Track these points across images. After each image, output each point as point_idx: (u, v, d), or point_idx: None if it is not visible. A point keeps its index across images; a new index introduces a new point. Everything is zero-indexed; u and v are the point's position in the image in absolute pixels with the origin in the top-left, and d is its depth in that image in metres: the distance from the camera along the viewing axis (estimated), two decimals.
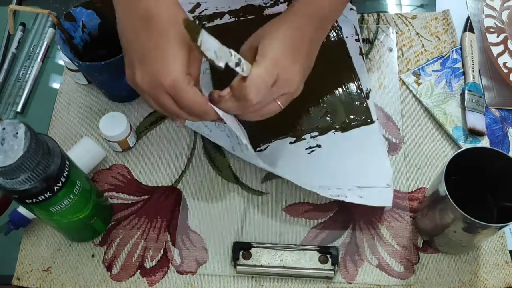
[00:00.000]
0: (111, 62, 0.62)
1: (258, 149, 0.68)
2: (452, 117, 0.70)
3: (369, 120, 0.69)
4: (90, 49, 0.69)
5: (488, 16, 0.77)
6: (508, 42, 0.74)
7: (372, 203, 0.62)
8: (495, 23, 0.76)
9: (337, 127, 0.69)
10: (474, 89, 0.71)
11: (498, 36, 0.75)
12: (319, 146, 0.68)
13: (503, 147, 0.68)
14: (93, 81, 0.70)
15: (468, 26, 0.77)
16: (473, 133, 0.68)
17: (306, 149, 0.67)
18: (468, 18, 0.78)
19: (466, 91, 0.71)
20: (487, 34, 0.75)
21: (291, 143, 0.68)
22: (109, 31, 0.67)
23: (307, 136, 0.68)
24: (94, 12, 0.66)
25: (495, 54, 0.73)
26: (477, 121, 0.69)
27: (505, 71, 0.72)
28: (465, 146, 0.68)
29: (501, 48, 0.74)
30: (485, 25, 0.76)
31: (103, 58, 0.62)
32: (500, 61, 0.73)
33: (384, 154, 0.67)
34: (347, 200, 0.62)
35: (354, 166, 0.66)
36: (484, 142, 0.68)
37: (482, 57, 0.75)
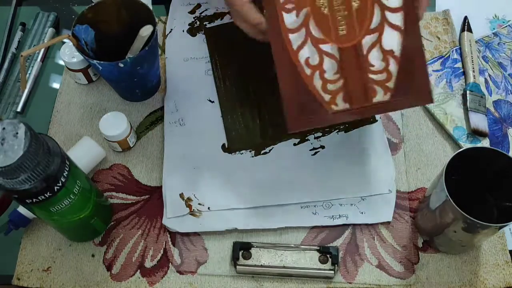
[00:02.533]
0: (135, 59, 0.63)
1: (262, 151, 0.67)
2: (453, 117, 0.70)
3: (372, 119, 0.69)
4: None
5: None
6: None
7: (373, 221, 0.63)
8: None
9: (340, 127, 0.69)
10: (475, 89, 0.71)
11: None
12: (322, 147, 0.68)
13: (503, 147, 0.68)
14: (111, 82, 0.70)
15: (466, 26, 0.77)
16: (477, 134, 0.68)
17: (310, 150, 0.67)
18: (466, 18, 0.78)
19: (467, 92, 0.71)
20: None
21: (295, 144, 0.68)
22: (103, 41, 0.68)
23: (311, 137, 0.68)
24: (88, 25, 0.66)
25: None
26: (480, 121, 0.69)
27: None
28: (465, 146, 0.68)
29: None
30: None
31: None
32: None
33: (387, 154, 0.67)
34: (348, 222, 0.63)
35: (357, 169, 0.66)
36: (484, 142, 0.68)
37: None
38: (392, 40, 0.55)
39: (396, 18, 0.55)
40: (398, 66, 0.55)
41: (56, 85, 0.77)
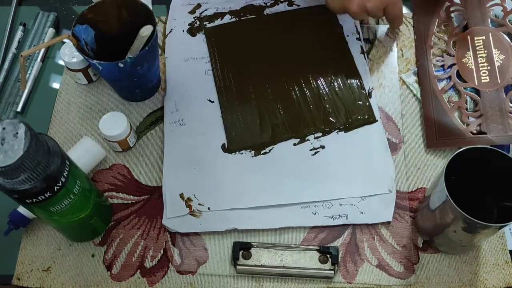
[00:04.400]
0: (135, 59, 0.63)
1: (262, 151, 0.67)
2: None
3: (372, 119, 0.69)
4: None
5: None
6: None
7: (373, 221, 0.63)
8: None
9: (341, 127, 0.69)
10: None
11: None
12: (323, 147, 0.68)
13: (503, 148, 0.68)
14: (111, 82, 0.70)
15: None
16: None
17: (310, 150, 0.67)
18: None
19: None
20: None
21: (295, 144, 0.68)
22: (103, 41, 0.68)
23: (311, 137, 0.68)
24: (88, 25, 0.66)
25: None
26: None
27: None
28: None
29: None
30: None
31: None
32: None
33: (388, 154, 0.67)
34: (348, 222, 0.63)
35: (357, 169, 0.66)
36: None
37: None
38: None
39: None
40: None
41: (56, 85, 0.77)
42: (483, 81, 0.70)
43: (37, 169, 0.47)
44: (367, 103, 0.71)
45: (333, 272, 0.60)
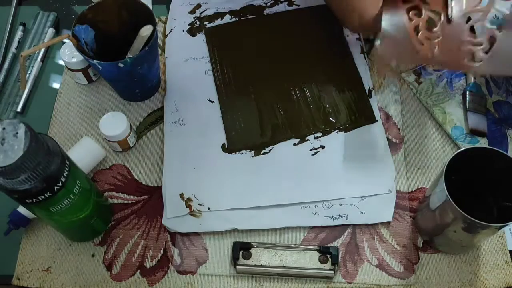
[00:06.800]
0: (135, 59, 0.63)
1: (262, 151, 0.67)
2: (452, 116, 0.70)
3: (372, 119, 0.69)
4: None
5: None
6: None
7: (373, 221, 0.63)
8: None
9: (341, 127, 0.69)
10: (475, 89, 0.71)
11: None
12: (322, 147, 0.68)
13: (502, 148, 0.68)
14: (111, 82, 0.70)
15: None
16: (475, 134, 0.68)
17: (310, 150, 0.67)
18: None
19: (467, 92, 0.71)
20: None
21: (295, 144, 0.68)
22: (103, 41, 0.68)
23: (311, 137, 0.68)
24: (88, 25, 0.66)
25: None
26: (478, 122, 0.69)
27: None
28: (463, 145, 0.68)
29: None
30: None
31: None
32: None
33: (388, 154, 0.67)
34: (348, 222, 0.63)
35: (357, 169, 0.66)
36: (483, 142, 0.68)
37: None
38: (494, 21, 0.63)
39: (503, 5, 0.64)
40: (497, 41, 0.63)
41: (56, 85, 0.77)
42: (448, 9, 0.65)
43: (37, 169, 0.47)
44: (367, 103, 0.71)
45: (333, 272, 0.60)
